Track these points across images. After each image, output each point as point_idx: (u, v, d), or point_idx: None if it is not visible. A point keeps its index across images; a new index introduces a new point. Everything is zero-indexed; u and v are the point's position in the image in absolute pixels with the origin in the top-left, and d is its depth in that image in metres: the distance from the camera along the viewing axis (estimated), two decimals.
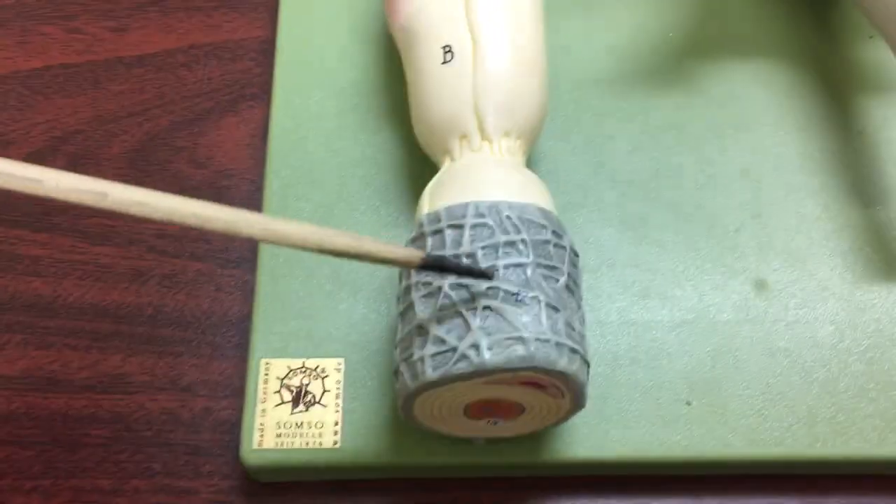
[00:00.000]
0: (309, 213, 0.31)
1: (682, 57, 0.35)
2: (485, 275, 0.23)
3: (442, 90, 0.28)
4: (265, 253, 0.30)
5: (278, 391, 0.28)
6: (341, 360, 0.29)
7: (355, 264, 0.30)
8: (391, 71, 0.34)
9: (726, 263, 0.31)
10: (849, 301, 0.30)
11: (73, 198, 0.19)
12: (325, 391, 0.28)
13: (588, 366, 0.24)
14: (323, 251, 0.21)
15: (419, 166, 0.32)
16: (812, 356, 0.29)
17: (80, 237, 0.32)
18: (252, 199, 0.33)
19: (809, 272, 0.30)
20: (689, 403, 0.28)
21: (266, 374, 0.28)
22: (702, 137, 0.33)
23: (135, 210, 0.19)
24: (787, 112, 0.33)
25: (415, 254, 0.23)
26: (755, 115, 0.33)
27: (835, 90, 0.34)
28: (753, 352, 0.29)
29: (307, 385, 0.28)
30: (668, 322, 0.30)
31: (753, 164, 0.32)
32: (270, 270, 0.30)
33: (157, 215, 0.19)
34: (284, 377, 0.28)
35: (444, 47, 0.28)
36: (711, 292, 0.30)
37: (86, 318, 0.31)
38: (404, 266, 0.23)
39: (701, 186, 0.32)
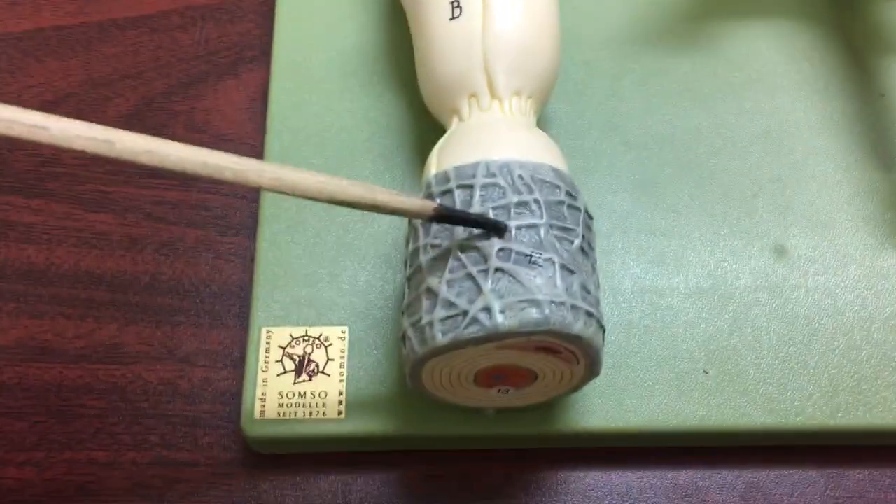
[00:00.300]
0: None
1: (699, 16, 0.33)
2: (498, 227, 0.22)
3: (450, 47, 0.27)
4: (266, 219, 0.29)
5: (280, 360, 0.27)
6: (345, 328, 0.28)
7: (359, 228, 0.29)
8: (396, 31, 0.33)
9: (744, 228, 0.30)
10: (871, 267, 0.29)
11: (79, 145, 0.18)
12: (328, 360, 0.27)
13: (604, 330, 0.23)
14: (334, 201, 0.20)
15: (425, 130, 0.30)
16: (833, 324, 0.28)
17: (75, 203, 0.31)
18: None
19: (830, 238, 0.29)
20: (706, 372, 0.27)
21: (268, 343, 0.27)
22: (718, 99, 0.32)
23: (143, 159, 0.18)
24: (806, 73, 0.32)
25: (428, 204, 0.22)
26: (773, 76, 0.32)
27: (855, 52, 0.33)
28: (773, 319, 0.28)
29: (310, 354, 0.27)
30: (683, 289, 0.28)
31: (772, 127, 0.31)
32: (271, 237, 0.29)
33: (166, 164, 0.18)
34: (286, 346, 0.27)
35: (451, 2, 0.27)
36: (729, 258, 0.29)
37: (80, 287, 0.30)
38: (417, 217, 0.22)
39: (717, 150, 0.31)
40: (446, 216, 0.22)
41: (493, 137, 0.25)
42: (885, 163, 0.31)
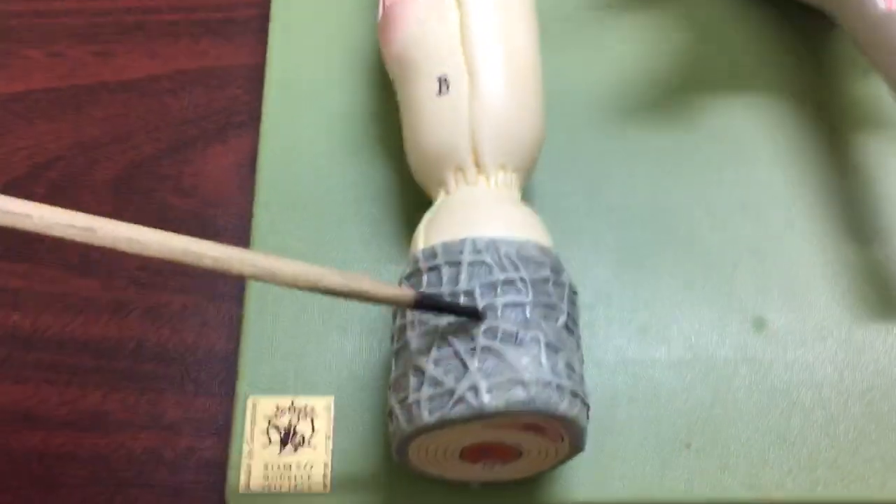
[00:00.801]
0: (298, 245, 0.30)
1: (680, 91, 0.34)
2: (477, 314, 0.23)
3: (437, 122, 0.28)
4: (253, 287, 0.30)
5: (266, 431, 0.27)
6: (331, 398, 0.28)
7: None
8: (383, 99, 0.33)
9: (724, 300, 0.30)
10: (847, 341, 0.29)
11: (59, 232, 0.18)
12: (314, 431, 0.27)
13: (588, 408, 0.24)
14: (315, 290, 0.20)
15: (412, 197, 0.31)
16: (811, 397, 0.28)
17: (62, 268, 0.31)
18: (239, 230, 0.32)
19: (808, 311, 0.30)
20: (688, 445, 0.27)
21: (253, 413, 0.27)
22: (699, 172, 0.33)
23: (123, 246, 0.18)
24: (784, 147, 0.33)
25: (408, 293, 0.22)
26: (752, 149, 0.33)
27: (832, 125, 0.34)
28: (753, 392, 0.28)
29: (296, 425, 0.27)
30: (665, 361, 0.29)
31: (750, 199, 0.32)
32: (258, 305, 0.29)
33: (146, 251, 0.19)
34: (272, 416, 0.27)
35: (439, 78, 0.28)
36: (709, 330, 0.30)
37: (66, 352, 0.30)
38: (397, 304, 0.22)
39: (697, 221, 0.32)
40: (426, 305, 0.22)
41: (480, 213, 0.26)
42: (861, 237, 0.31)
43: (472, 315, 0.23)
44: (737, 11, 0.36)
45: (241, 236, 0.31)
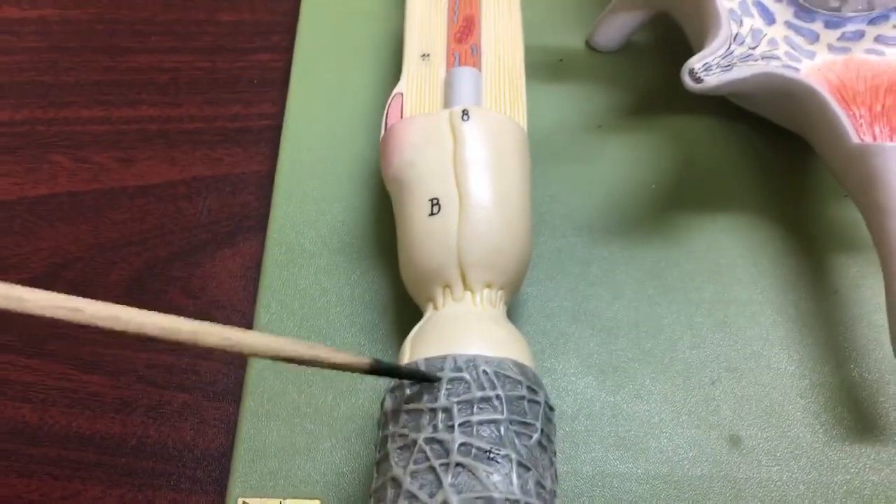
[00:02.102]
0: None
1: (664, 210, 0.36)
2: (429, 378, 0.24)
3: (428, 241, 0.29)
4: (249, 390, 0.31)
5: None
6: (318, 501, 0.29)
7: (336, 403, 0.31)
8: (383, 214, 0.35)
9: (701, 416, 0.31)
10: (821, 460, 0.30)
11: (50, 313, 0.20)
12: None
13: None
14: (279, 358, 0.22)
15: (405, 307, 0.33)
16: None
17: (72, 364, 0.33)
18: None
19: (783, 429, 0.31)
20: None
21: None
22: (680, 288, 0.34)
23: (106, 323, 0.20)
24: (763, 267, 0.35)
25: (363, 360, 0.24)
26: (733, 268, 0.35)
27: (810, 246, 0.35)
28: None
29: None
30: (642, 475, 0.30)
31: (729, 317, 0.33)
32: (253, 408, 0.31)
33: (126, 327, 0.20)
34: None
35: (431, 200, 0.30)
36: (686, 445, 0.31)
37: (70, 447, 0.31)
38: (354, 370, 0.24)
39: (678, 337, 0.33)
40: (379, 370, 0.24)
41: (462, 331, 0.27)
42: (837, 357, 0.32)
43: (427, 380, 0.24)
44: (722, 135, 0.38)
45: None
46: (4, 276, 0.34)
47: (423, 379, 0.25)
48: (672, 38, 0.40)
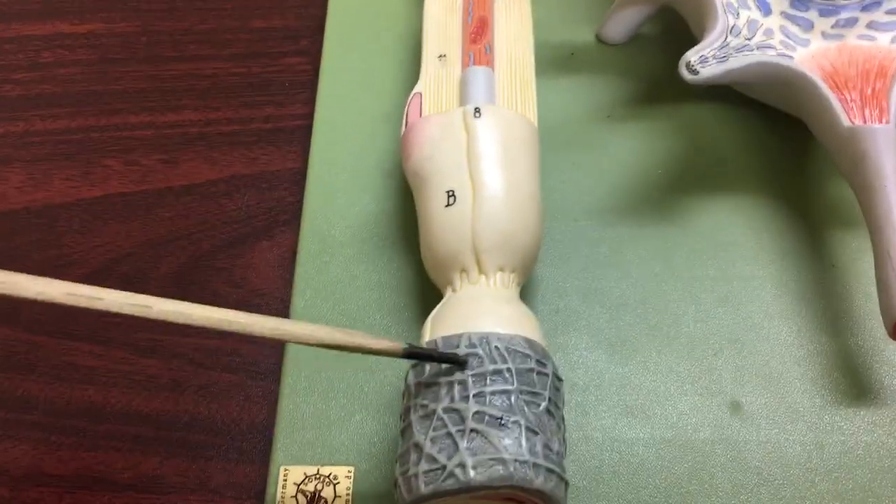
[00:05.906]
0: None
1: (671, 192, 0.38)
2: (459, 361, 0.27)
3: (445, 230, 0.32)
4: (288, 368, 0.34)
5: (294, 496, 0.31)
6: (351, 468, 0.32)
7: (366, 378, 0.34)
8: (406, 205, 0.38)
9: (704, 385, 0.34)
10: (817, 423, 0.33)
11: (126, 310, 0.23)
12: (336, 497, 0.31)
13: (566, 483, 0.27)
14: (323, 345, 0.25)
15: (427, 291, 0.35)
16: (781, 475, 0.31)
17: (131, 350, 0.36)
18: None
19: (781, 395, 0.33)
20: None
21: (284, 480, 0.32)
22: (685, 266, 0.36)
23: (173, 318, 0.23)
24: (765, 244, 0.37)
25: (398, 345, 0.26)
26: (736, 246, 0.37)
27: (809, 224, 0.37)
28: (727, 469, 0.32)
29: (320, 491, 0.31)
30: (648, 439, 0.32)
31: (732, 293, 0.36)
32: (292, 384, 0.34)
33: (191, 321, 0.23)
34: (300, 483, 0.32)
35: (447, 191, 0.32)
36: (690, 412, 0.33)
37: (130, 424, 0.34)
38: (391, 355, 0.27)
39: (683, 312, 0.35)
40: (414, 354, 0.27)
41: (477, 311, 0.30)
42: (834, 328, 0.34)
43: (456, 363, 0.27)
44: (726, 121, 0.40)
45: None
46: (67, 271, 0.38)
47: (452, 362, 0.27)
48: (679, 30, 0.42)
